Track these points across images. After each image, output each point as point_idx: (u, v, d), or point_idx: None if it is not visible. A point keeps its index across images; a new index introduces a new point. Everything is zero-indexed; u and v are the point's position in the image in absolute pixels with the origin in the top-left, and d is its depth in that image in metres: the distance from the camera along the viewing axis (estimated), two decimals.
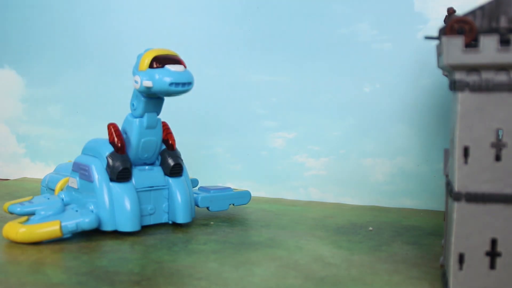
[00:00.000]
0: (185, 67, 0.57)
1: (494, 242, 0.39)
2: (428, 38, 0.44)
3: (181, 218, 0.60)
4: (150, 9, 0.83)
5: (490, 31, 0.39)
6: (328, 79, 0.76)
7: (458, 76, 0.39)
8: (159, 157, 0.61)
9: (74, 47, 0.87)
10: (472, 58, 0.38)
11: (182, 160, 0.62)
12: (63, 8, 0.87)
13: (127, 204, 0.57)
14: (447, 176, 0.46)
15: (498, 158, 0.39)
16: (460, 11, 0.46)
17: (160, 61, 0.56)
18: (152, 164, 0.61)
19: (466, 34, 0.39)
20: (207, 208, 0.64)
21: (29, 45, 0.88)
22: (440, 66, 0.44)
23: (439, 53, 0.43)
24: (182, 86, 0.56)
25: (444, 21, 0.50)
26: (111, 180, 0.57)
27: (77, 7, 0.86)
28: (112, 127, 0.59)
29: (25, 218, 0.55)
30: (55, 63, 0.88)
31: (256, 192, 0.77)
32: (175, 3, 0.82)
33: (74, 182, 0.59)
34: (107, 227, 0.56)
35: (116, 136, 0.59)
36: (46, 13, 0.88)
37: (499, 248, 0.39)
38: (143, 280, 0.44)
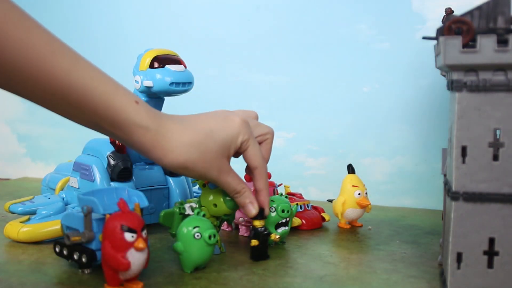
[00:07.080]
0: (185, 67, 0.57)
1: (492, 241, 0.39)
2: (426, 38, 0.44)
3: None
4: (150, 9, 0.83)
5: (487, 31, 0.39)
6: (327, 79, 0.76)
7: (456, 76, 0.39)
8: None
9: (73, 47, 0.87)
10: (469, 58, 0.38)
11: None
12: (63, 9, 0.87)
13: None
14: (445, 175, 0.46)
15: (495, 157, 0.39)
16: (458, 11, 0.46)
17: (161, 61, 0.56)
18: (152, 163, 0.61)
19: (464, 34, 0.39)
20: None
21: None
22: (438, 66, 0.44)
23: (437, 53, 0.43)
24: (183, 86, 0.56)
25: (442, 21, 0.50)
26: (112, 179, 0.57)
27: (76, 7, 0.87)
28: None
29: (26, 217, 0.55)
30: None
31: None
32: (175, 4, 0.82)
33: (75, 181, 0.60)
34: None
35: None
36: (46, 13, 0.88)
37: (497, 247, 0.39)
38: (143, 280, 0.45)
